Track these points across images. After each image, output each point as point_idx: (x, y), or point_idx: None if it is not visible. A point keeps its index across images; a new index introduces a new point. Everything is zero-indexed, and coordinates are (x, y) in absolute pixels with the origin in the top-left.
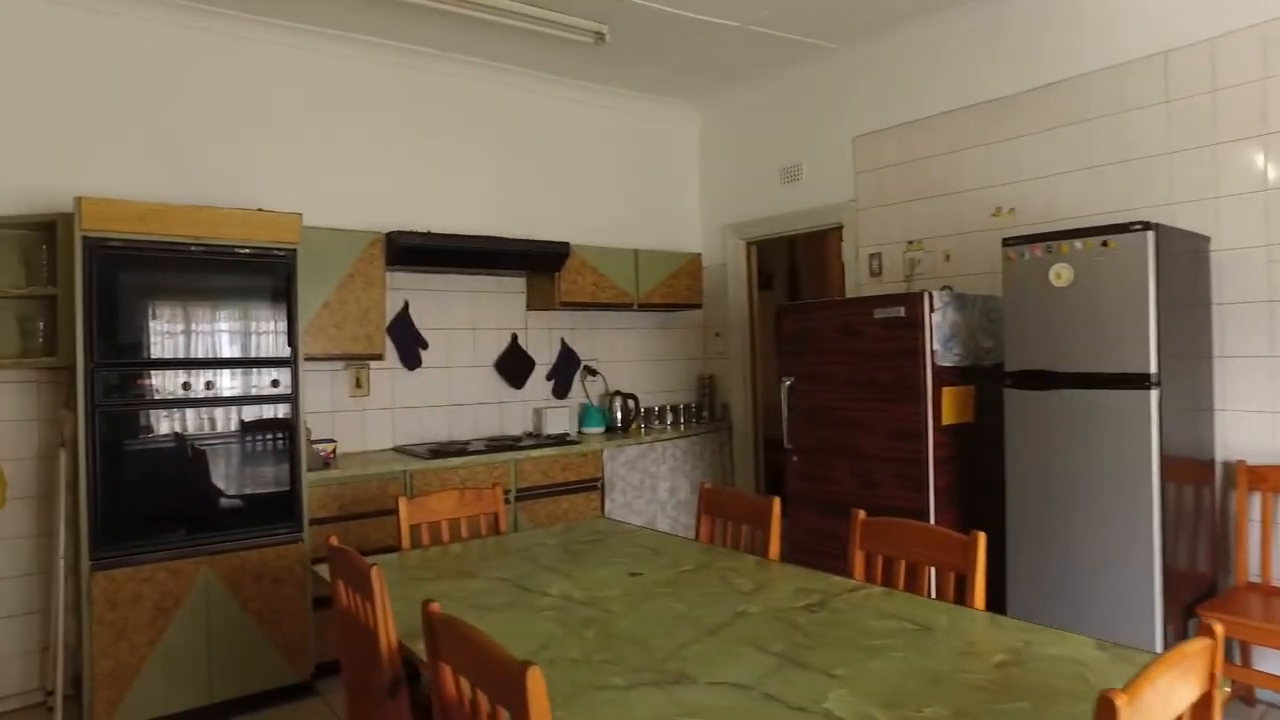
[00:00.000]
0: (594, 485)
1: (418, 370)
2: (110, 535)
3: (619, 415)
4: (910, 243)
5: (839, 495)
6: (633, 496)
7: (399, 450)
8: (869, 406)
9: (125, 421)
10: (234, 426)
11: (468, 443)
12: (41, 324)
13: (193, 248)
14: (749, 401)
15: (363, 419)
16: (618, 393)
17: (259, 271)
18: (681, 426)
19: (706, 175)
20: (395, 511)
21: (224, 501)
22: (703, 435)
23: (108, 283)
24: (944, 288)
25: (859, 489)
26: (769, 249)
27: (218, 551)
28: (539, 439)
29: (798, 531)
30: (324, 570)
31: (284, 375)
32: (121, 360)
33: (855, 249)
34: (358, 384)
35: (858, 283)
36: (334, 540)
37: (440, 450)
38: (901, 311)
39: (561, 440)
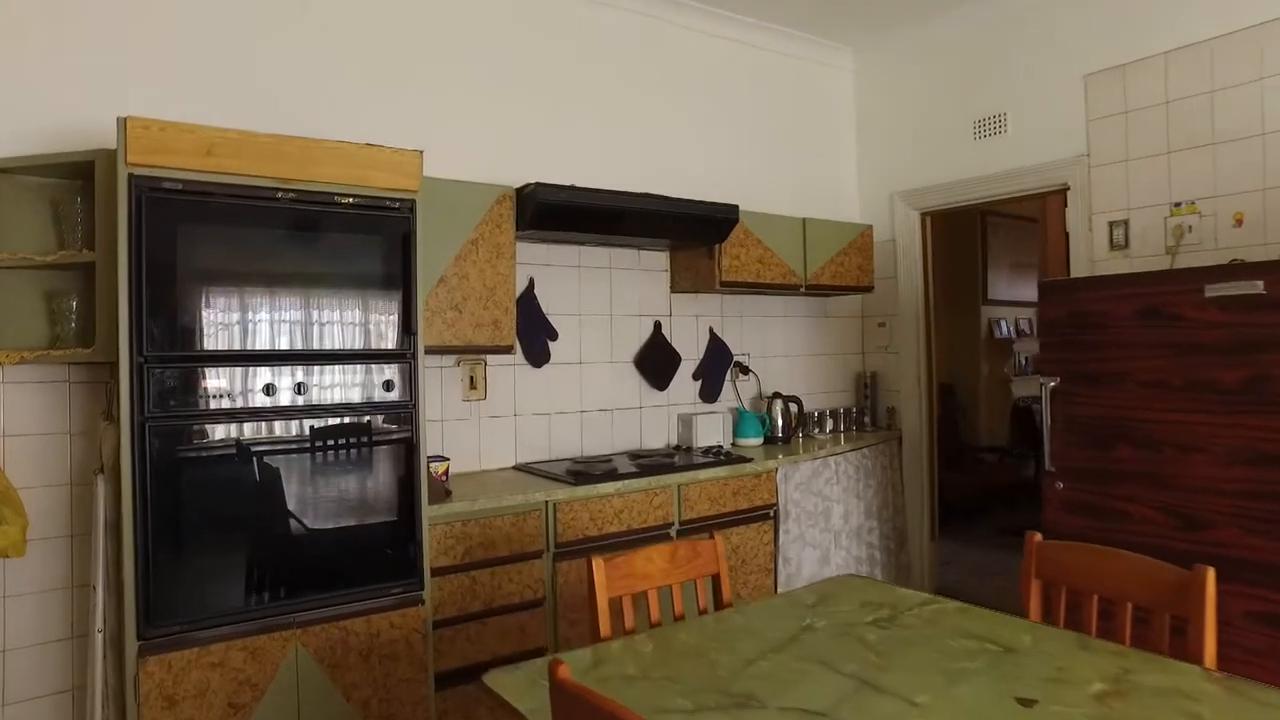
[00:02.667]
0: (767, 514)
1: (545, 366)
2: (165, 602)
3: (779, 423)
4: (1176, 205)
5: (1140, 539)
6: (806, 526)
7: (523, 470)
8: (1195, 418)
9: (186, 439)
10: (332, 446)
11: (609, 460)
12: (74, 303)
13: (279, 194)
14: (923, 405)
15: (478, 429)
16: (777, 395)
17: (366, 229)
18: (842, 437)
19: (865, 132)
20: (536, 557)
21: (320, 550)
22: (872, 447)
23: (163, 243)
24: (1233, 261)
25: (1174, 531)
26: None
27: (312, 621)
28: (692, 454)
29: None
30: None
31: (399, 374)
32: (181, 353)
33: (1087, 216)
34: (472, 385)
35: (1091, 259)
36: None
37: (583, 472)
38: (1259, 287)
39: (726, 457)
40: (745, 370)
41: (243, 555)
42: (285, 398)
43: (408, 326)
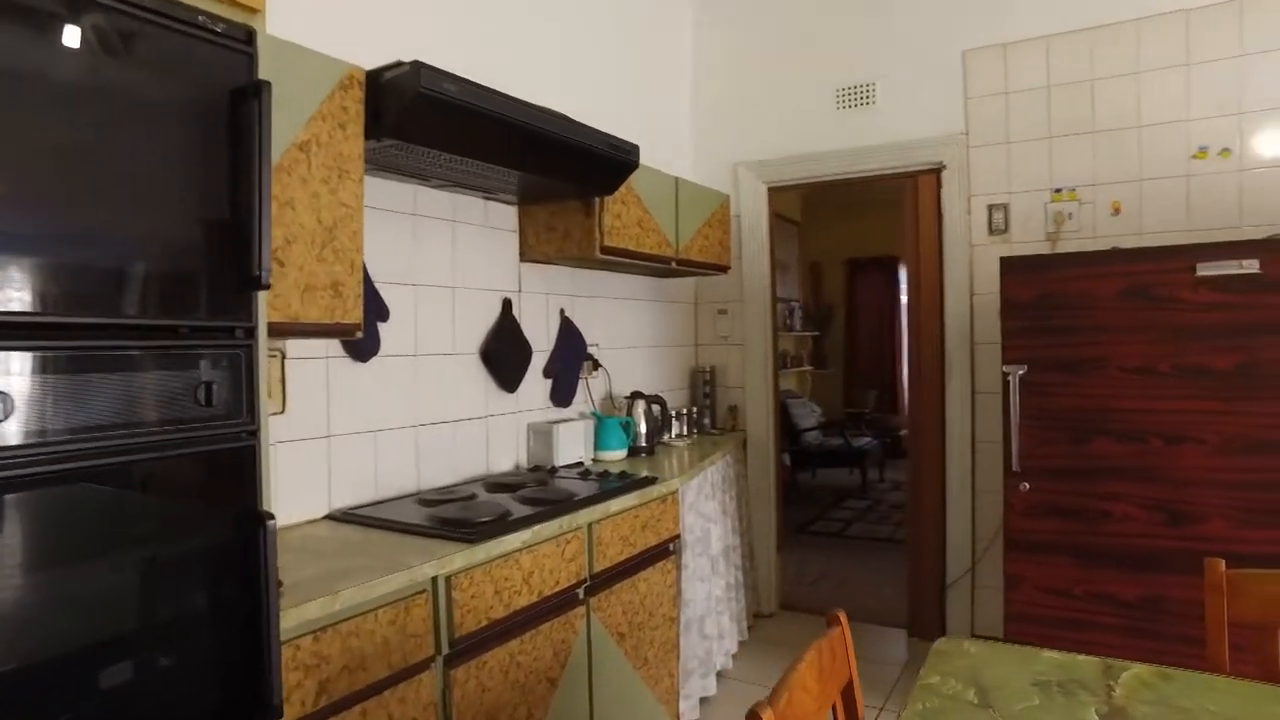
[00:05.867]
0: (668, 548)
1: (371, 360)
2: None
3: (642, 429)
4: (1057, 191)
5: (1123, 539)
6: (695, 555)
7: (345, 520)
8: (1186, 406)
9: None
10: (77, 516)
11: (470, 495)
12: None
13: None
14: (771, 404)
15: (276, 459)
16: (638, 395)
17: (160, 68)
18: (686, 443)
19: (704, 92)
20: (422, 669)
21: None
22: (733, 453)
23: None
24: (1113, 249)
25: (1159, 529)
26: None
27: None
28: (556, 476)
29: (1029, 594)
30: None
31: (226, 371)
32: None
33: (965, 198)
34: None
35: (969, 242)
36: None
37: (464, 521)
38: (1256, 266)
39: (623, 479)
40: (596, 365)
41: None
42: None
43: (247, 276)
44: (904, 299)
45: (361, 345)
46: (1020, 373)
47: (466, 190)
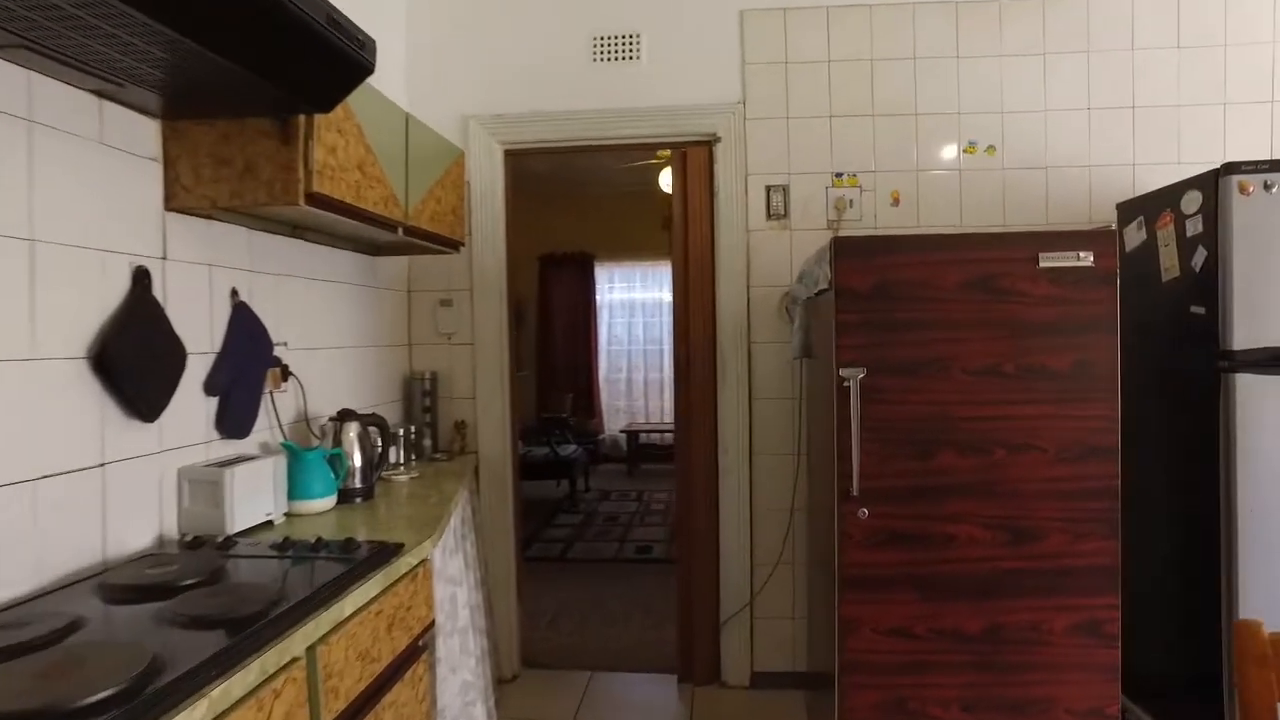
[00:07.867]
0: (420, 644)
1: None
2: None
3: (357, 464)
4: (838, 176)
5: (967, 566)
6: (446, 635)
7: None
8: (1028, 411)
9: None
10: None
11: (70, 626)
12: None
13: None
14: (508, 416)
15: None
16: (349, 415)
17: None
18: (406, 472)
19: (423, 11)
20: None
21: None
22: (467, 485)
23: None
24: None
25: (1002, 549)
26: None
27: None
28: (235, 550)
29: (867, 639)
30: None
31: None
32: None
33: (742, 177)
34: None
35: (746, 228)
36: None
37: (42, 712)
38: (1090, 260)
39: (348, 550)
40: (286, 374)
41: None
42: None
43: None
44: (598, 297)
45: None
46: (860, 377)
47: (62, 64)
